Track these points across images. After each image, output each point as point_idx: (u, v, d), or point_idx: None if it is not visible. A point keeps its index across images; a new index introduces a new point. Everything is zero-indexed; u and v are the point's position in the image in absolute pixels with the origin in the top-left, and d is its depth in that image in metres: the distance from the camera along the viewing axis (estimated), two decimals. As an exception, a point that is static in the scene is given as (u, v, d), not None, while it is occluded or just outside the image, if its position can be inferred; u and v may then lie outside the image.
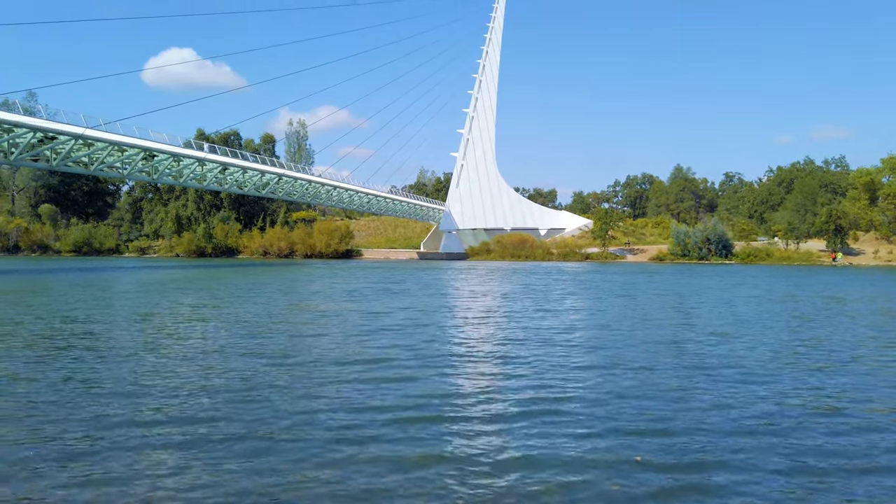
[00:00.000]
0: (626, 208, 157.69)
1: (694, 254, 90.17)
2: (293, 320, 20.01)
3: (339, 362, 12.62)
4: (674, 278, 48.97)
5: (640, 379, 11.58)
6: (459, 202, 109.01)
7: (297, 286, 37.41)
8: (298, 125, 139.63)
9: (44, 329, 17.56)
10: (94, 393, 10.27)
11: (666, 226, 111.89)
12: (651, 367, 12.71)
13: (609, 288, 36.87)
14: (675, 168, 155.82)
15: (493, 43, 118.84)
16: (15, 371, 11.89)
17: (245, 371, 12.03)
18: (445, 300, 28.76)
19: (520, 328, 18.43)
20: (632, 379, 11.56)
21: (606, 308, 24.69)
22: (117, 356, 13.45)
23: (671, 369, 12.49)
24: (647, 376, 11.77)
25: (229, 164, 64.27)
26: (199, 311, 23.14)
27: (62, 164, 50.70)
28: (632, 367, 12.57)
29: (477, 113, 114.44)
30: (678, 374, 12.01)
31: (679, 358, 13.75)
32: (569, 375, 11.78)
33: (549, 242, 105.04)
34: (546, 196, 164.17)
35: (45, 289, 33.80)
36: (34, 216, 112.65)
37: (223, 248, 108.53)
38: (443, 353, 14.07)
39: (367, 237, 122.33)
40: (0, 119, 42.85)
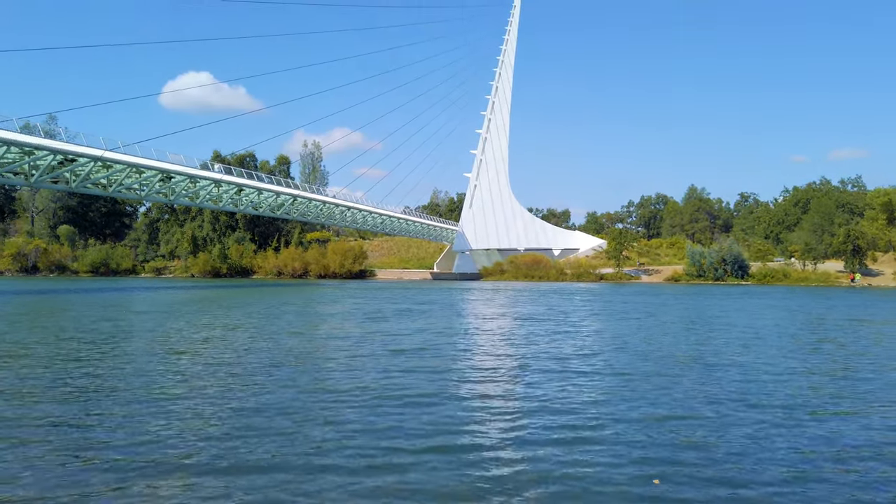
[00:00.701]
0: (640, 228, 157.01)
1: (710, 274, 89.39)
2: (312, 343, 19.93)
3: (361, 388, 12.46)
4: (694, 299, 48.47)
5: (668, 406, 11.37)
6: (473, 222, 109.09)
7: (314, 307, 37.44)
8: (313, 147, 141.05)
9: (67, 349, 17.63)
10: (123, 424, 10.24)
11: (681, 246, 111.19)
12: (679, 394, 12.48)
13: (629, 309, 36.53)
14: (690, 188, 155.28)
15: (506, 65, 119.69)
16: (30, 390, 11.93)
17: (266, 397, 11.95)
18: (463, 322, 28.59)
19: (541, 351, 18.21)
20: (659, 405, 11.35)
21: (630, 331, 24.37)
22: (139, 377, 13.46)
23: (700, 397, 12.25)
24: (675, 404, 11.54)
25: (245, 186, 64.83)
26: (220, 332, 23.16)
27: (81, 186, 51.38)
28: (659, 395, 12.33)
29: (490, 134, 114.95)
30: (707, 403, 11.78)
31: (707, 385, 13.47)
32: (593, 400, 11.60)
33: (563, 263, 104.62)
34: (559, 216, 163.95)
35: (63, 309, 34.05)
36: (53, 237, 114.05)
37: (238, 269, 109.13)
38: (465, 378, 13.94)
39: (380, 257, 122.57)
40: (21, 142, 43.58)
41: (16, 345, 18.92)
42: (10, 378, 13.47)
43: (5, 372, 14.20)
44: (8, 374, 13.89)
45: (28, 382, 12.98)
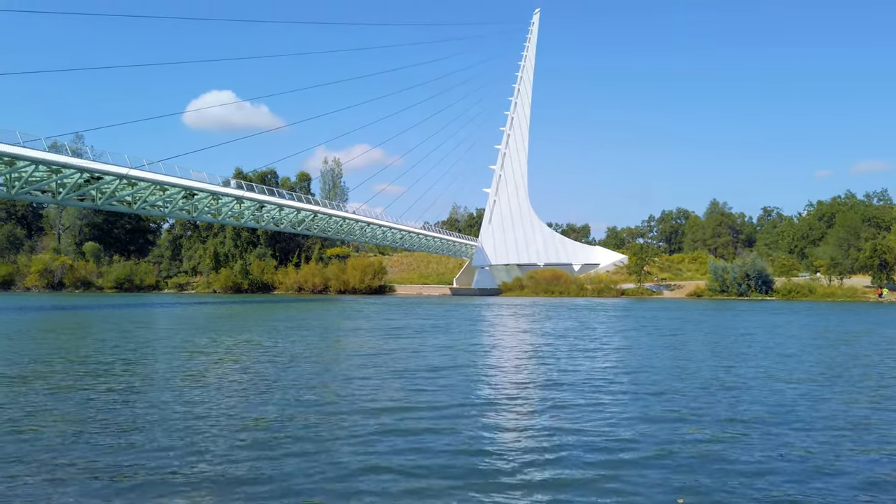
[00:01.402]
0: (661, 243, 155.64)
1: (733, 290, 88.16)
2: (334, 360, 19.85)
3: (383, 408, 12.25)
4: (720, 315, 47.82)
5: (695, 426, 11.16)
6: (492, 238, 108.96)
7: (335, 323, 37.52)
8: (333, 163, 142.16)
9: (90, 368, 17.83)
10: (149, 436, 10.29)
11: (703, 261, 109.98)
12: (706, 414, 12.26)
13: (654, 325, 36.12)
14: (712, 203, 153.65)
15: (525, 81, 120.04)
16: (56, 403, 12.05)
17: (286, 417, 11.93)
18: (486, 338, 28.45)
19: (566, 369, 17.94)
20: (685, 425, 11.15)
21: (658, 349, 23.97)
22: (165, 393, 13.55)
23: (728, 418, 12.02)
24: (702, 424, 11.32)
25: (266, 202, 65.51)
26: (245, 349, 23.27)
27: (107, 203, 52.29)
28: (686, 415, 12.11)
29: (509, 149, 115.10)
30: (735, 423, 11.56)
31: (735, 406, 13.21)
32: (619, 420, 11.38)
33: (584, 278, 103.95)
34: (579, 231, 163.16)
35: (88, 325, 34.50)
36: (79, 254, 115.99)
37: (259, 284, 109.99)
38: (489, 398, 13.73)
39: (399, 273, 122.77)
40: (49, 160, 44.54)
41: (46, 362, 19.18)
42: (40, 395, 13.63)
43: (37, 387, 14.39)
44: (40, 391, 14.06)
45: (58, 398, 13.13)
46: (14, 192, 45.19)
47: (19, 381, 15.30)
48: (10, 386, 14.55)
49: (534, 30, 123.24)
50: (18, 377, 15.82)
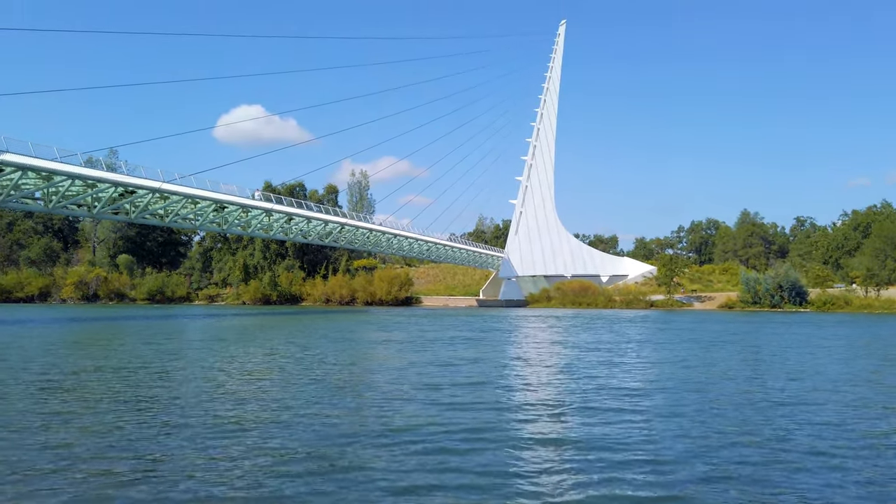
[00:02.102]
0: (690, 254, 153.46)
1: (765, 301, 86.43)
2: (366, 375, 19.68)
3: (415, 425, 11.95)
4: (755, 328, 46.87)
5: (728, 446, 10.91)
6: (518, 249, 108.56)
7: (365, 335, 37.59)
8: (360, 176, 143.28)
9: (128, 376, 18.13)
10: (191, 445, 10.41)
11: (734, 272, 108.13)
12: (739, 435, 11.95)
13: (687, 339, 35.54)
14: (742, 213, 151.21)
15: (551, 91, 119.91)
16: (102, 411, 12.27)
17: (317, 436, 11.93)
18: (515, 351, 28.24)
19: (604, 385, 17.34)
20: (719, 446, 10.91)
21: (694, 365, 23.46)
22: (207, 401, 13.71)
23: (760, 437, 11.73)
24: (736, 445, 11.02)
25: (294, 215, 66.26)
26: (278, 361, 23.45)
27: (140, 217, 53.39)
28: (720, 437, 11.74)
29: (535, 160, 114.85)
30: (765, 444, 11.28)
31: (770, 426, 12.88)
32: (664, 440, 10.96)
33: (612, 289, 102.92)
34: (607, 242, 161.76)
35: (126, 336, 35.15)
36: (112, 266, 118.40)
37: (287, 296, 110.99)
38: (524, 414, 13.49)
39: (426, 284, 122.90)
40: (85, 175, 45.68)
41: (82, 372, 19.55)
42: (73, 405, 13.90)
43: (71, 397, 14.67)
44: (74, 400, 14.34)
45: (92, 407, 13.37)
46: (51, 206, 46.41)
47: (62, 391, 15.63)
48: (53, 395, 14.87)
49: (560, 41, 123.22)
50: (61, 388, 16.17)
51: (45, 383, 16.69)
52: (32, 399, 14.41)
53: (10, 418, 12.26)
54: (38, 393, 15.20)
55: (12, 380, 17.35)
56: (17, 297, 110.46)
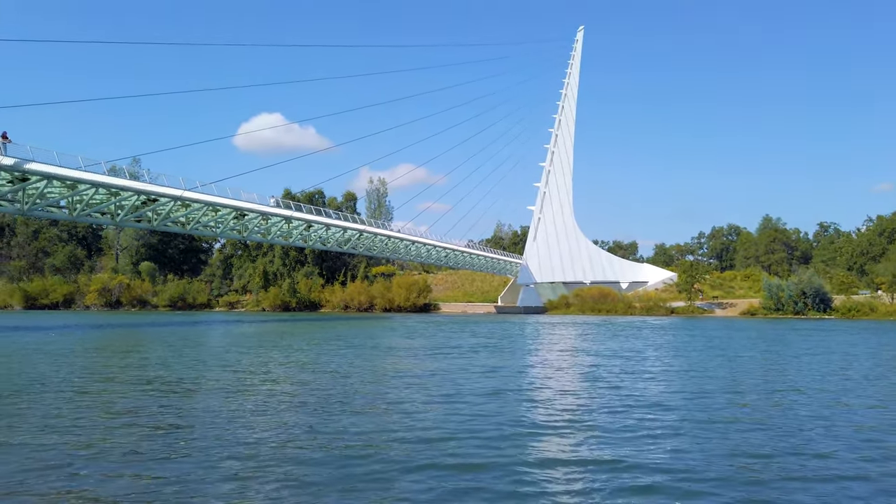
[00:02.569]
0: (711, 261, 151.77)
1: (788, 308, 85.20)
2: (386, 382, 19.50)
3: (435, 438, 11.61)
4: (781, 335, 46.18)
5: (764, 468, 10.72)
6: (537, 255, 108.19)
7: (385, 341, 37.63)
8: (378, 183, 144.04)
9: (162, 379, 18.33)
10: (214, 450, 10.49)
11: (756, 279, 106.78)
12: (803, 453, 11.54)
13: (713, 346, 35.13)
14: (764, 218, 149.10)
15: (569, 97, 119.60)
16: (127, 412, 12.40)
17: (337, 446, 11.93)
18: (536, 358, 28.07)
19: (628, 395, 16.74)
20: (755, 468, 10.71)
21: (722, 374, 23.13)
22: (222, 412, 13.81)
23: (793, 457, 11.50)
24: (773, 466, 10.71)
25: (313, 222, 66.66)
26: (295, 369, 23.55)
27: (162, 224, 54.04)
28: (773, 453, 11.39)
29: (553, 166, 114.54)
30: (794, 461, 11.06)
31: (800, 444, 12.61)
32: (694, 457, 10.60)
33: (632, 296, 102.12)
34: (626, 248, 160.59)
35: (151, 343, 35.54)
36: (135, 273, 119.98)
37: (306, 303, 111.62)
38: (546, 426, 13.24)
39: (444, 291, 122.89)
40: (109, 183, 46.36)
41: (115, 380, 19.79)
42: (98, 410, 14.06)
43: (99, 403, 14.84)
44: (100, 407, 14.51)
45: (121, 412, 13.51)
46: (76, 214, 47.16)
47: (91, 396, 15.84)
48: (85, 400, 15.07)
49: (578, 47, 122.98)
50: (90, 392, 16.38)
51: (67, 387, 16.92)
52: (55, 405, 14.61)
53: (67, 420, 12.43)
54: (65, 397, 15.42)
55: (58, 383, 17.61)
56: (43, 304, 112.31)
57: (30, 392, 16.38)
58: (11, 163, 39.53)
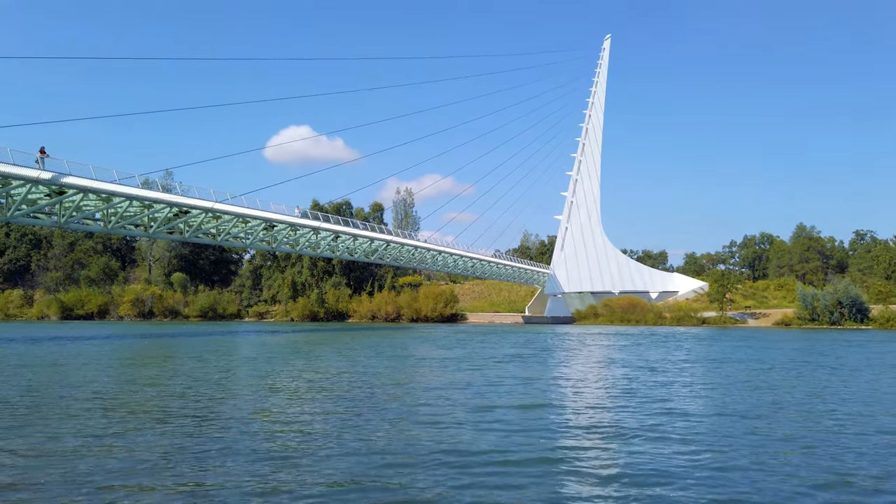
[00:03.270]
0: (743, 270, 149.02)
1: (824, 318, 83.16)
2: (415, 395, 19.27)
3: (471, 451, 11.39)
4: (822, 347, 45.03)
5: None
6: (564, 265, 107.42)
7: (415, 351, 37.57)
8: (405, 193, 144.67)
9: (186, 392, 18.54)
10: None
11: (790, 288, 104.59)
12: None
13: (753, 358, 34.40)
14: (798, 226, 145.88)
15: (596, 106, 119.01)
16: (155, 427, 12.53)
17: (365, 464, 11.89)
18: (567, 370, 27.69)
19: (669, 411, 15.93)
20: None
21: (764, 390, 22.61)
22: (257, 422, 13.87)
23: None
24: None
25: (341, 232, 67.14)
26: (329, 378, 23.63)
27: (193, 236, 54.90)
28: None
29: (580, 175, 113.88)
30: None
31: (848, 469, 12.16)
32: (740, 479, 10.21)
33: (662, 306, 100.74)
34: (656, 258, 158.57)
35: (184, 353, 36.03)
36: (167, 284, 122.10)
37: (334, 313, 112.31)
38: (582, 444, 12.83)
39: (471, 301, 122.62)
40: (142, 196, 47.30)
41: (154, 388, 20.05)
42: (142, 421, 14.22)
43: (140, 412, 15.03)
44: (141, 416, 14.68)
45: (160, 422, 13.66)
46: (110, 226, 48.17)
47: (130, 407, 16.07)
48: (125, 410, 15.28)
49: (605, 56, 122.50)
50: (129, 403, 16.62)
51: (103, 397, 17.20)
52: (91, 413, 14.83)
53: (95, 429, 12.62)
54: (95, 407, 15.66)
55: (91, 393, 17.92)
56: (78, 315, 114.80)
57: (71, 399, 16.69)
58: (49, 177, 40.56)
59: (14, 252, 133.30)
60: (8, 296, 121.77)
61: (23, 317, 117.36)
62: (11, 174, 38.85)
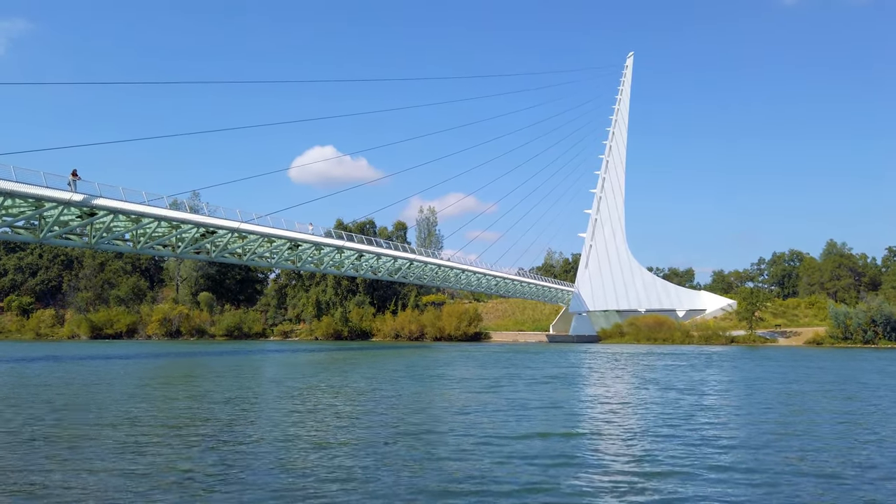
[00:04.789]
0: (772, 287, 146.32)
1: (857, 337, 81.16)
2: (446, 417, 18.72)
3: (498, 491, 10.94)
4: (862, 367, 43.84)
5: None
6: (589, 283, 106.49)
7: (440, 371, 37.32)
8: (428, 212, 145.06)
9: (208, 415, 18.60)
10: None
11: (822, 306, 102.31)
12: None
13: (796, 379, 33.60)
14: (828, 243, 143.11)
15: (620, 123, 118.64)
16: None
17: (389, 492, 11.77)
18: (600, 391, 27.24)
19: (714, 442, 14.69)
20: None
21: (812, 415, 21.94)
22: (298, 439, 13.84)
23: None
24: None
25: (364, 251, 67.47)
26: (352, 399, 23.58)
27: (220, 256, 55.60)
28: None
29: (604, 193, 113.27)
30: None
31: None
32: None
33: (689, 324, 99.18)
34: (682, 275, 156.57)
35: (212, 372, 36.29)
36: (194, 303, 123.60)
37: (358, 331, 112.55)
38: (620, 479, 12.23)
39: (495, 319, 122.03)
40: (171, 217, 48.12)
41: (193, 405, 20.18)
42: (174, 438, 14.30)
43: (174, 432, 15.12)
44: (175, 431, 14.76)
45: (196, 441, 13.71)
46: (139, 246, 49.04)
47: (172, 427, 16.17)
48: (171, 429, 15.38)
49: (627, 73, 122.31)
50: (171, 423, 16.73)
51: (142, 411, 17.34)
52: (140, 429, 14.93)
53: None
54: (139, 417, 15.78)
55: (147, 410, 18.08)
56: (107, 334, 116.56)
57: (103, 417, 16.85)
58: (81, 199, 41.48)
59: (46, 272, 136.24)
60: (40, 315, 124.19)
61: (53, 336, 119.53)
62: (45, 196, 39.79)
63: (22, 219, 41.84)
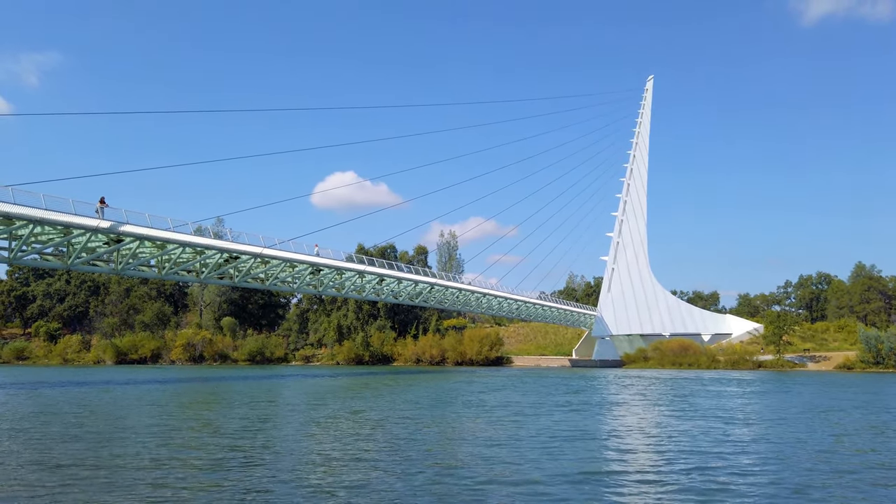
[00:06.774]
0: (800, 311, 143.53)
1: (889, 361, 79.12)
2: (469, 448, 18.42)
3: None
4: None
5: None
6: (612, 307, 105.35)
7: (462, 397, 37.05)
8: (449, 236, 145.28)
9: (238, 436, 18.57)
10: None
11: (851, 330, 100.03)
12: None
13: (833, 407, 32.76)
14: (857, 266, 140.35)
15: (641, 146, 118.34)
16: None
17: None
18: (627, 422, 26.73)
19: (751, 476, 14.13)
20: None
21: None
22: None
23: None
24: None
25: (385, 276, 67.59)
26: (371, 429, 23.43)
27: (243, 281, 56.07)
28: None
29: (626, 216, 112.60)
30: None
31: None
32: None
33: (715, 349, 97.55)
34: (707, 299, 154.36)
35: (236, 397, 36.37)
36: (217, 328, 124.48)
37: (379, 356, 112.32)
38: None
39: (516, 344, 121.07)
40: (195, 243, 48.73)
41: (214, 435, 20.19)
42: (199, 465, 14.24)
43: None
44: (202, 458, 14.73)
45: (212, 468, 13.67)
46: (164, 272, 49.66)
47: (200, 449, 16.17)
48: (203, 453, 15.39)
49: (647, 96, 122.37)
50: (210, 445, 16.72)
51: (171, 433, 17.36)
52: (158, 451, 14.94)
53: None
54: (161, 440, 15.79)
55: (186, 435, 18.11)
56: (132, 359, 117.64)
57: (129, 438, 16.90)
58: (108, 226, 42.21)
59: (74, 298, 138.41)
60: (67, 341, 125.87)
61: (80, 361, 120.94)
62: (73, 224, 40.56)
63: (51, 245, 42.64)
